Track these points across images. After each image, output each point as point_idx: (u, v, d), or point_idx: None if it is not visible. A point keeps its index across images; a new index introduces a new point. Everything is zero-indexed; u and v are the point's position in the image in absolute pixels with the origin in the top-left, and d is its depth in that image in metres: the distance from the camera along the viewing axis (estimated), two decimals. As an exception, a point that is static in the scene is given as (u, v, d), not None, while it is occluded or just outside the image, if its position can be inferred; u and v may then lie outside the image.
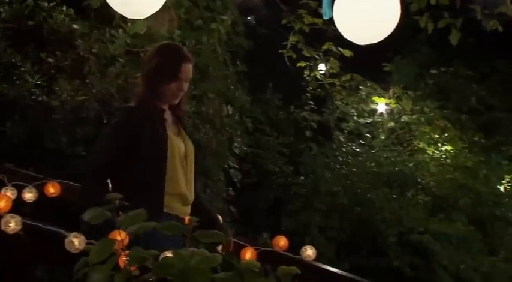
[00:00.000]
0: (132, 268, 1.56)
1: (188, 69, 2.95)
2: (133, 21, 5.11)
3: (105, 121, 5.06)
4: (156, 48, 3.06)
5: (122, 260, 1.60)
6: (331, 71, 7.03)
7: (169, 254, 1.59)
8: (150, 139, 2.84)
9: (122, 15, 3.19)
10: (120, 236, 1.63)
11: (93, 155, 3.05)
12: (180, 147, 2.96)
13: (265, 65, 8.14)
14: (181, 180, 2.93)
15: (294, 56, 6.63)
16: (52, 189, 3.45)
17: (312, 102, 7.47)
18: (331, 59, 6.87)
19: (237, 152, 6.01)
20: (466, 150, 7.96)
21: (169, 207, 2.88)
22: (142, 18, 3.20)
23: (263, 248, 3.89)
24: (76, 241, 2.31)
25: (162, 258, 1.58)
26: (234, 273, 1.67)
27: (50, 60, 5.06)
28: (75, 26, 5.15)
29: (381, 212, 6.72)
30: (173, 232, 1.74)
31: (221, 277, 1.65)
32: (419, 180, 7.47)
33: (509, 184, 7.98)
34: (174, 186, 2.89)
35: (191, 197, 2.97)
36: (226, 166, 5.67)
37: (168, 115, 3.02)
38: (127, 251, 1.59)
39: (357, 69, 7.42)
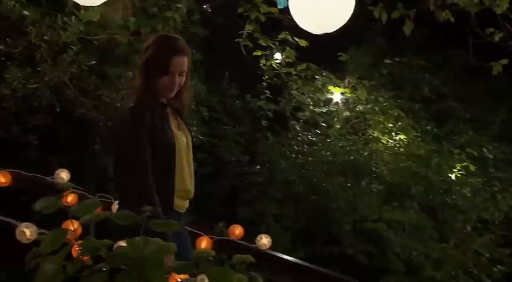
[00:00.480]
0: (85, 258, 1.54)
1: (181, 62, 2.85)
2: (87, 8, 5.02)
3: (57, 109, 4.98)
4: (151, 40, 2.96)
5: (75, 250, 1.58)
6: (287, 60, 7.07)
7: (123, 243, 1.58)
8: (159, 137, 2.80)
9: (74, 2, 3.13)
10: (72, 226, 1.61)
11: (127, 160, 2.80)
12: (183, 142, 2.93)
13: (221, 54, 8.12)
14: (186, 176, 2.92)
15: (250, 45, 6.63)
16: (3, 178, 3.39)
17: (268, 92, 7.50)
18: (287, 48, 6.91)
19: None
20: (419, 139, 8.08)
21: (175, 204, 2.87)
22: (95, 5, 3.14)
23: (218, 237, 3.91)
24: (27, 231, 2.27)
25: (116, 248, 1.57)
26: (189, 262, 1.67)
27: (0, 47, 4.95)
28: (26, 12, 5.04)
29: (335, 200, 6.78)
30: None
31: (176, 266, 1.65)
32: (373, 168, 7.55)
33: (460, 172, 8.15)
34: (181, 183, 2.89)
35: (193, 191, 2.98)
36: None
37: (172, 111, 2.98)
38: (80, 241, 1.57)
39: (312, 59, 7.47)
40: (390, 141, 7.91)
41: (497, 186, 8.44)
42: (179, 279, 1.66)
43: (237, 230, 4.17)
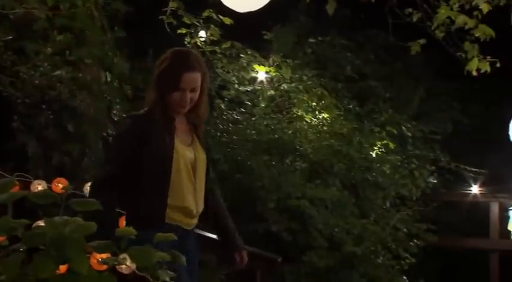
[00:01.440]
0: (1, 238, 1.49)
1: (192, 78, 2.79)
2: (1, -20, 4.81)
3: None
4: (166, 53, 2.89)
5: (-10, 230, 1.52)
6: (211, 38, 7.01)
7: (41, 223, 1.54)
8: (154, 149, 2.75)
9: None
10: (-13, 206, 1.56)
11: (100, 168, 2.95)
12: (188, 158, 2.85)
13: (145, 31, 7.97)
14: (187, 193, 2.83)
15: (175, 22, 6.53)
16: None
17: (192, 70, 7.41)
18: (212, 26, 6.85)
19: (116, 119, 5.88)
20: (342, 118, 8.23)
21: (171, 218, 2.79)
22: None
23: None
24: None
25: (34, 227, 1.52)
26: (109, 242, 1.64)
27: None
28: None
29: (260, 178, 6.84)
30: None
31: (96, 245, 1.62)
32: (297, 147, 7.65)
33: (380, 150, 8.37)
34: (178, 199, 2.80)
35: (198, 209, 2.87)
36: (105, 134, 5.53)
37: (181, 123, 2.90)
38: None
39: (237, 37, 7.44)
40: (314, 119, 8.02)
41: (415, 164, 8.74)
42: (100, 259, 1.64)
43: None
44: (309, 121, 7.92)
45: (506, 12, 5.06)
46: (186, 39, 7.02)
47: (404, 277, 7.79)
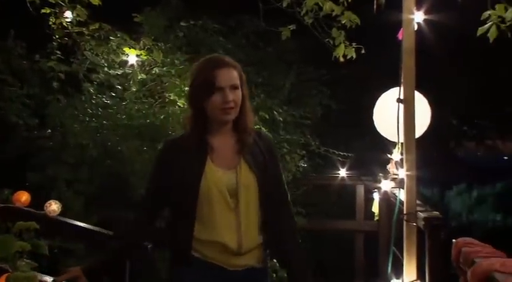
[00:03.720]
0: None
1: (226, 74, 2.58)
2: None
3: None
4: (195, 65, 2.76)
5: None
6: (78, 19, 6.76)
7: None
8: (179, 177, 2.56)
9: None
10: None
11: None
12: (226, 184, 2.57)
13: (5, 10, 7.53)
14: (222, 226, 2.54)
15: (38, 1, 6.24)
16: None
17: (59, 52, 7.11)
18: (78, 6, 6.60)
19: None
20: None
21: (203, 254, 2.55)
22: None
23: (3, 205, 3.67)
24: None
25: None
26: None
27: None
28: None
29: (131, 164, 6.69)
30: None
31: None
32: (170, 132, 7.54)
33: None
34: (209, 232, 2.54)
35: (245, 245, 2.55)
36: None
37: (224, 142, 2.66)
38: None
39: (107, 19, 7.21)
40: (186, 104, 7.94)
41: (286, 148, 8.92)
42: None
43: (23, 197, 3.96)
44: (182, 106, 7.85)
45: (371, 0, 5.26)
46: (50, 20, 6.72)
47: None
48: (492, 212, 14.08)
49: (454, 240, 3.24)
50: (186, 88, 7.92)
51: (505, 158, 20.65)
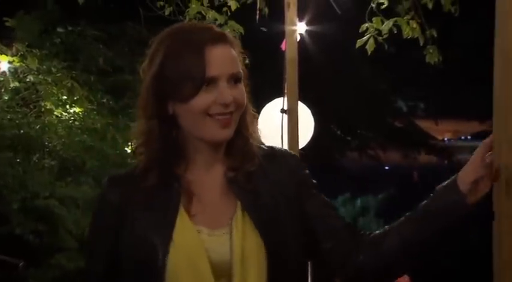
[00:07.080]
0: None
1: (221, 54, 1.48)
2: None
3: None
4: (154, 39, 1.66)
5: None
6: None
7: None
8: (131, 244, 1.52)
9: None
10: None
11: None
12: (208, 256, 1.47)
13: None
14: None
15: None
16: None
17: None
18: None
19: None
20: (95, 112, 7.93)
21: None
22: None
23: None
24: None
25: None
26: None
27: None
28: None
29: (3, 177, 6.31)
30: None
31: None
32: (46, 143, 7.21)
33: (135, 146, 8.20)
34: None
35: None
36: None
37: (208, 178, 1.57)
38: None
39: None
40: (64, 114, 7.59)
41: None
42: None
43: None
44: (59, 115, 7.50)
45: (254, 10, 5.24)
46: None
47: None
48: (375, 220, 14.53)
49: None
50: (64, 97, 7.59)
51: (386, 167, 21.53)
